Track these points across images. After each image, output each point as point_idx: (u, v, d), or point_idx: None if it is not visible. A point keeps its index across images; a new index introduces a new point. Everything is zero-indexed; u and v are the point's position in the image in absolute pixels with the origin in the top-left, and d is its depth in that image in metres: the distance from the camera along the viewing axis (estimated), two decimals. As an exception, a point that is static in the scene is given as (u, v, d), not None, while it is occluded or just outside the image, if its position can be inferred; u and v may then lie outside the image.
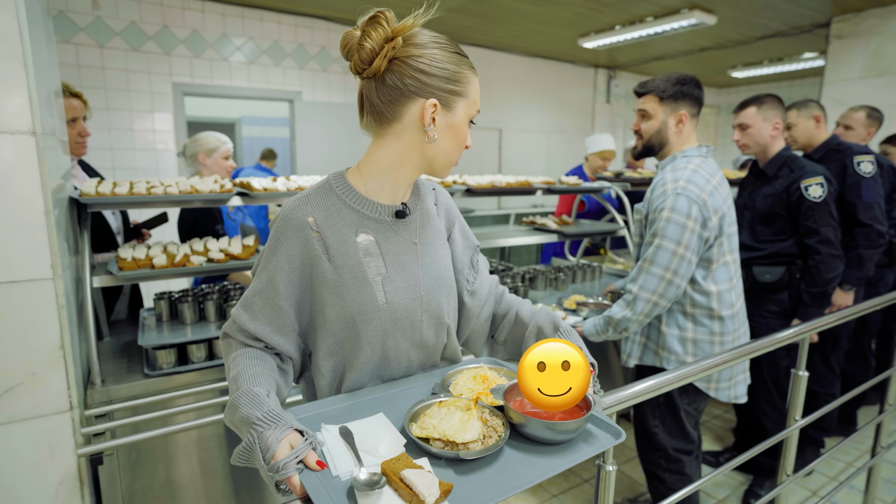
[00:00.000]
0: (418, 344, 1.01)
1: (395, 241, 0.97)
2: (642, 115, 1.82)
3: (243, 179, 2.08)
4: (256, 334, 0.93)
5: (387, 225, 0.96)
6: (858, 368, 3.03)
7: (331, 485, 0.70)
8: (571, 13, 4.66)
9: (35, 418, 1.38)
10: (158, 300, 2.01)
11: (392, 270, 0.95)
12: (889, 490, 2.50)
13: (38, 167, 1.33)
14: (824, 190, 2.13)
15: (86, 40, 3.87)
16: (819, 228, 2.13)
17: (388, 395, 0.96)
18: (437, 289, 1.00)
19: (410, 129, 0.92)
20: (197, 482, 1.82)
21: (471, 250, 1.12)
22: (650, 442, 1.90)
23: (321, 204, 0.93)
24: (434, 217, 1.06)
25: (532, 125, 6.75)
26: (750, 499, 2.41)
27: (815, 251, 2.14)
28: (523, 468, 0.76)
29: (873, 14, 4.24)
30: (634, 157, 1.92)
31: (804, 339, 1.59)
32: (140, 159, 4.21)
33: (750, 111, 2.29)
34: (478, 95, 0.95)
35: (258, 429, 0.72)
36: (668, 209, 1.67)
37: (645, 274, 1.69)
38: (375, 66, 0.88)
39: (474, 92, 0.94)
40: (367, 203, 0.95)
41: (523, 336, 1.09)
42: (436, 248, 1.03)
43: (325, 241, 0.92)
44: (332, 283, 0.92)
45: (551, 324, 1.05)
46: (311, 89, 4.97)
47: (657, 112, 1.78)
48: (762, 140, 2.28)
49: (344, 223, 0.93)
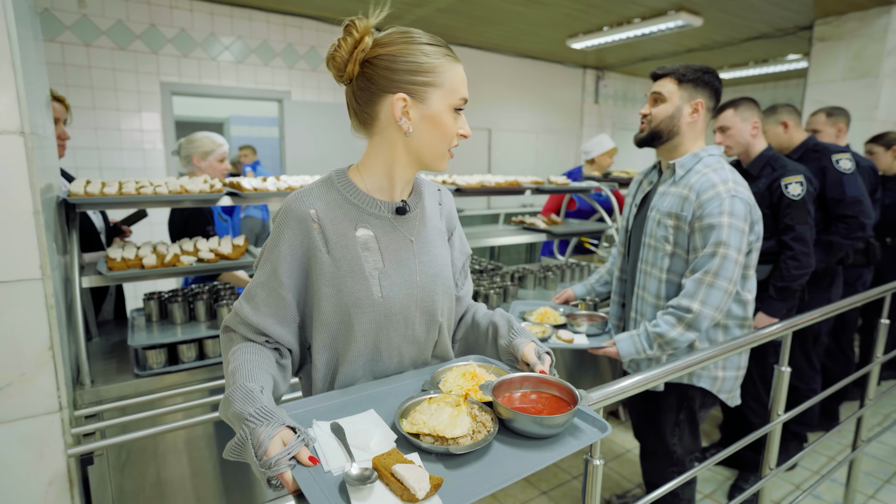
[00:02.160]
0: (410, 339, 1.03)
1: (394, 237, 0.99)
2: (655, 98, 1.68)
3: (233, 179, 2.08)
4: (259, 326, 0.94)
5: (386, 221, 0.98)
6: (839, 364, 3.09)
7: (323, 480, 0.71)
8: (560, 14, 4.70)
9: (24, 419, 1.38)
10: (148, 300, 2.00)
11: (389, 266, 0.97)
12: (870, 483, 2.56)
13: (26, 167, 1.32)
14: (803, 188, 2.18)
15: (71, 39, 3.83)
16: (795, 225, 2.17)
17: (378, 391, 0.97)
18: (433, 286, 1.02)
19: (389, 126, 0.94)
20: (187, 482, 1.82)
21: (465, 256, 1.16)
22: (668, 459, 1.82)
23: (323, 197, 0.95)
24: (435, 216, 1.08)
25: (521, 125, 6.78)
26: (735, 493, 2.45)
27: (788, 247, 2.18)
28: (512, 462, 0.78)
29: (854, 17, 4.32)
30: (638, 145, 1.77)
31: (787, 336, 1.63)
32: (127, 159, 4.17)
33: (727, 114, 2.34)
34: (459, 83, 0.94)
35: (250, 425, 0.73)
36: (727, 214, 1.52)
37: (708, 288, 1.53)
38: (348, 71, 0.92)
39: (452, 80, 0.93)
40: (368, 199, 0.97)
41: (478, 335, 1.15)
42: (435, 247, 1.04)
43: (324, 234, 0.94)
44: (330, 275, 0.93)
45: (506, 322, 1.09)
46: (300, 89, 4.96)
47: (673, 96, 1.65)
48: (743, 140, 2.33)
49: (344, 217, 0.95)
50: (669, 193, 1.67)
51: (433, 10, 4.54)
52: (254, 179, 2.04)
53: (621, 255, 1.95)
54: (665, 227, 1.65)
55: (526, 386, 0.93)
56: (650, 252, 1.71)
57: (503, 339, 1.06)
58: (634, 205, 1.87)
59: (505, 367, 1.04)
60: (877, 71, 4.19)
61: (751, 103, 2.33)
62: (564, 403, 0.89)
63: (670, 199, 1.66)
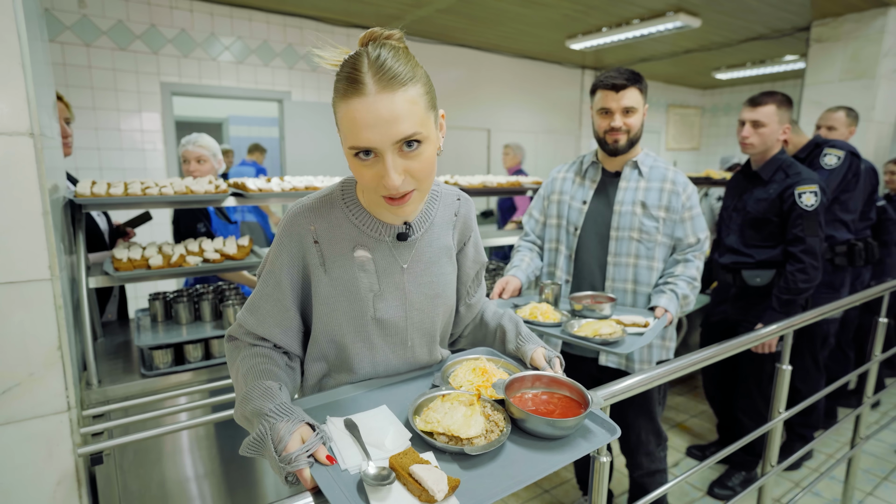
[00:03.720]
0: (410, 362, 1.02)
1: (392, 261, 0.95)
2: (627, 110, 1.71)
3: (237, 180, 2.09)
4: (265, 336, 0.95)
5: (385, 245, 0.95)
6: (839, 363, 3.11)
7: (340, 478, 0.72)
8: (559, 15, 4.71)
9: (33, 419, 1.38)
10: (154, 300, 2.01)
11: (385, 288, 0.95)
12: (868, 480, 2.58)
13: (35, 168, 1.33)
14: (817, 199, 2.08)
15: (72, 39, 3.82)
16: (805, 238, 2.08)
17: (390, 387, 0.99)
18: (432, 308, 1.01)
19: None
20: (192, 482, 1.83)
21: (479, 265, 1.13)
22: (658, 438, 1.91)
23: (325, 215, 0.92)
24: (444, 234, 1.02)
25: (520, 126, 6.79)
26: (715, 488, 2.46)
27: (797, 259, 2.10)
28: (524, 463, 0.79)
29: (851, 19, 4.35)
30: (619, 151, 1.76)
31: (788, 334, 1.65)
32: (128, 159, 4.17)
33: (769, 109, 2.16)
34: (353, 124, 0.77)
35: (270, 420, 0.74)
36: (698, 204, 1.77)
37: (699, 262, 1.76)
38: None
39: (345, 122, 0.79)
40: (370, 221, 0.93)
41: (485, 334, 1.14)
42: (438, 267, 1.00)
43: (322, 253, 0.92)
44: (325, 294, 0.93)
45: (514, 327, 1.09)
46: (300, 89, 4.96)
47: (639, 104, 1.74)
48: (770, 142, 2.19)
49: (344, 237, 0.93)
50: (641, 188, 1.78)
51: (433, 10, 4.55)
52: (258, 180, 2.05)
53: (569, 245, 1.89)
54: (654, 218, 1.76)
55: (538, 385, 0.95)
56: (623, 244, 1.78)
57: (510, 343, 1.07)
58: (583, 200, 1.84)
59: (514, 361, 1.05)
60: (873, 72, 4.22)
61: (790, 104, 2.18)
62: (576, 405, 0.90)
63: (652, 194, 1.77)
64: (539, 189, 2.06)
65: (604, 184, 1.85)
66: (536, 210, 2.01)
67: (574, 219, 1.86)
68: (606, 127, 1.75)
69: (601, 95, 1.74)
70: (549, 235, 1.95)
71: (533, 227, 2.01)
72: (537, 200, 2.02)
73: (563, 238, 1.89)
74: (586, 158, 1.91)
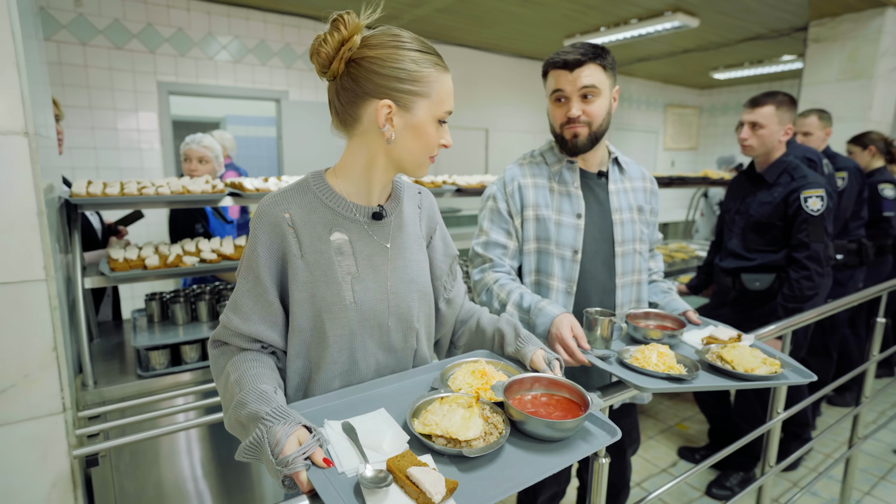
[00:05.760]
0: (386, 347, 1.01)
1: (369, 242, 0.97)
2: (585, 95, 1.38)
3: (234, 180, 2.08)
4: (252, 334, 0.93)
5: (361, 225, 0.97)
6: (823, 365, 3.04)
7: (337, 481, 0.71)
8: (557, 15, 4.71)
9: (28, 420, 1.37)
10: (150, 301, 2.00)
11: (363, 271, 0.96)
12: (865, 479, 2.59)
13: (30, 168, 1.32)
14: (823, 203, 2.02)
15: (68, 38, 3.81)
16: (811, 243, 2.02)
17: (388, 389, 0.98)
18: (408, 293, 1.00)
19: (371, 130, 0.92)
20: (189, 484, 1.82)
21: (450, 258, 1.13)
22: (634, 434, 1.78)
23: (298, 201, 0.93)
24: (413, 221, 1.06)
25: (518, 125, 6.79)
26: (713, 488, 2.45)
27: (802, 266, 2.03)
28: (523, 465, 0.78)
29: (848, 19, 4.36)
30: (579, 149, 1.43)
31: (787, 335, 1.65)
32: (124, 159, 4.15)
33: (767, 110, 2.10)
34: (447, 94, 0.92)
35: (267, 423, 0.73)
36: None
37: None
38: (333, 68, 0.89)
39: (440, 91, 0.91)
40: (344, 203, 0.95)
41: (483, 341, 1.13)
42: (411, 252, 1.02)
43: (299, 238, 0.92)
44: (303, 280, 0.92)
45: (513, 329, 1.08)
46: (297, 89, 4.95)
47: (605, 87, 1.40)
48: (771, 143, 2.14)
49: (319, 221, 0.93)
50: (626, 190, 1.52)
51: (431, 10, 4.54)
52: (255, 180, 2.04)
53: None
54: (647, 223, 1.55)
55: (537, 387, 0.94)
56: (628, 260, 1.49)
57: (510, 346, 1.06)
58: (577, 214, 1.46)
59: (513, 363, 1.05)
60: (871, 72, 4.23)
61: (792, 104, 2.12)
62: (576, 406, 0.89)
63: (634, 195, 1.52)
64: (489, 201, 1.51)
65: (589, 188, 1.49)
66: (500, 232, 1.47)
67: (570, 240, 1.44)
68: (562, 118, 1.40)
69: (553, 77, 1.39)
70: (530, 266, 1.48)
71: (500, 256, 1.47)
72: (496, 218, 1.49)
73: (557, 268, 1.45)
74: (548, 157, 1.51)
